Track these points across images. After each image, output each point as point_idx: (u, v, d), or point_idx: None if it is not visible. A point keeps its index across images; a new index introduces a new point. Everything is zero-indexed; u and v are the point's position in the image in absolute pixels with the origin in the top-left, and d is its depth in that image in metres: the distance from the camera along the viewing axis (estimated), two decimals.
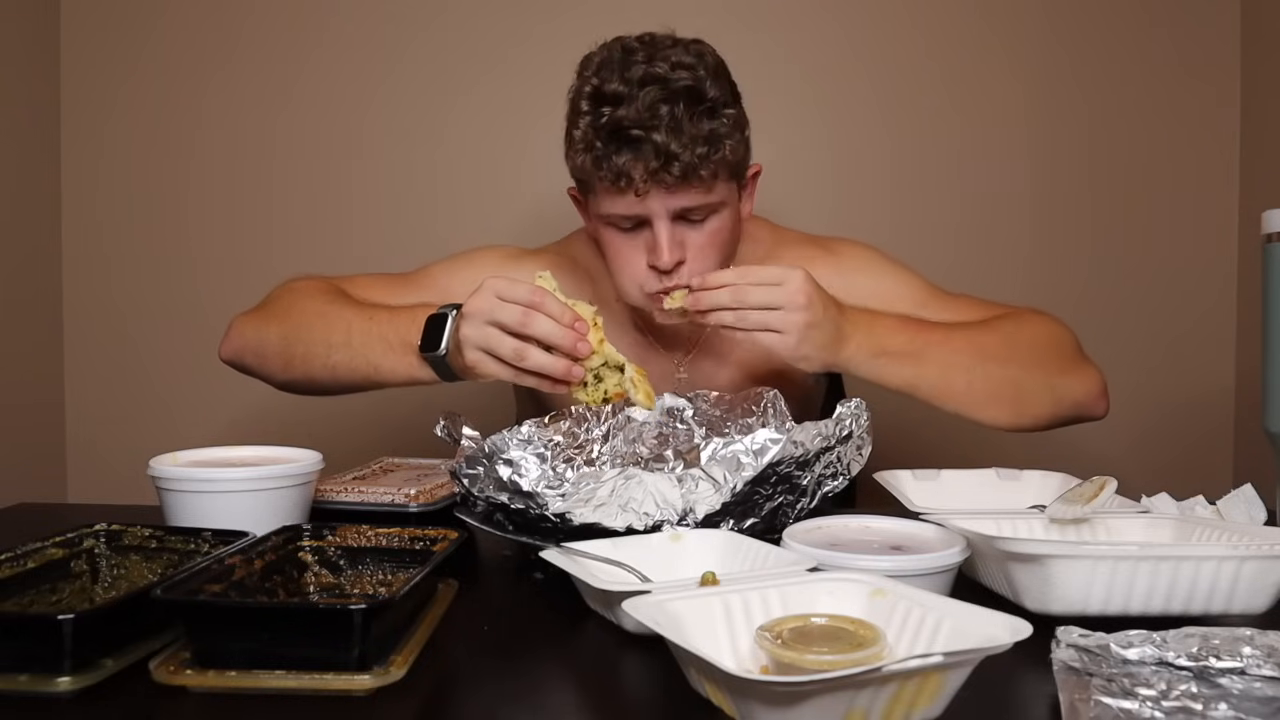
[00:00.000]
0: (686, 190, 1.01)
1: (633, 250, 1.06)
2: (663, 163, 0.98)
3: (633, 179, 0.99)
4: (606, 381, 0.92)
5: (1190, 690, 0.53)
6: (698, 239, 1.05)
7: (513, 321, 0.89)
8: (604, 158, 0.99)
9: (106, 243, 1.89)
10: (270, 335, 1.12)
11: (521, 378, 0.91)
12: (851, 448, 0.90)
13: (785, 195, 1.88)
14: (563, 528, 0.82)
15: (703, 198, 1.03)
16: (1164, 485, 0.94)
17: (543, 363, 0.89)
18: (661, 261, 1.02)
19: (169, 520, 0.81)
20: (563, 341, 0.88)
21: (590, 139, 1.01)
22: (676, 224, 1.04)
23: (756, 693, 0.49)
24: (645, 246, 1.05)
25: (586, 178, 1.05)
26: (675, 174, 0.98)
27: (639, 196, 1.00)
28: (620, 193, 1.01)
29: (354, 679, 0.57)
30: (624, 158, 0.99)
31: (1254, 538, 0.73)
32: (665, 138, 0.97)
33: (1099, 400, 1.11)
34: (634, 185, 0.99)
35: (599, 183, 1.02)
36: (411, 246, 1.88)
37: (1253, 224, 1.40)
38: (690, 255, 1.05)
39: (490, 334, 0.90)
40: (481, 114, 1.87)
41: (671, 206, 1.02)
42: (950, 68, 1.86)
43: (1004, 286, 1.88)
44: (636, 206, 1.02)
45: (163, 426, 1.88)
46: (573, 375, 0.90)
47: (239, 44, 1.87)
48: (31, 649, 0.57)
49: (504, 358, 0.90)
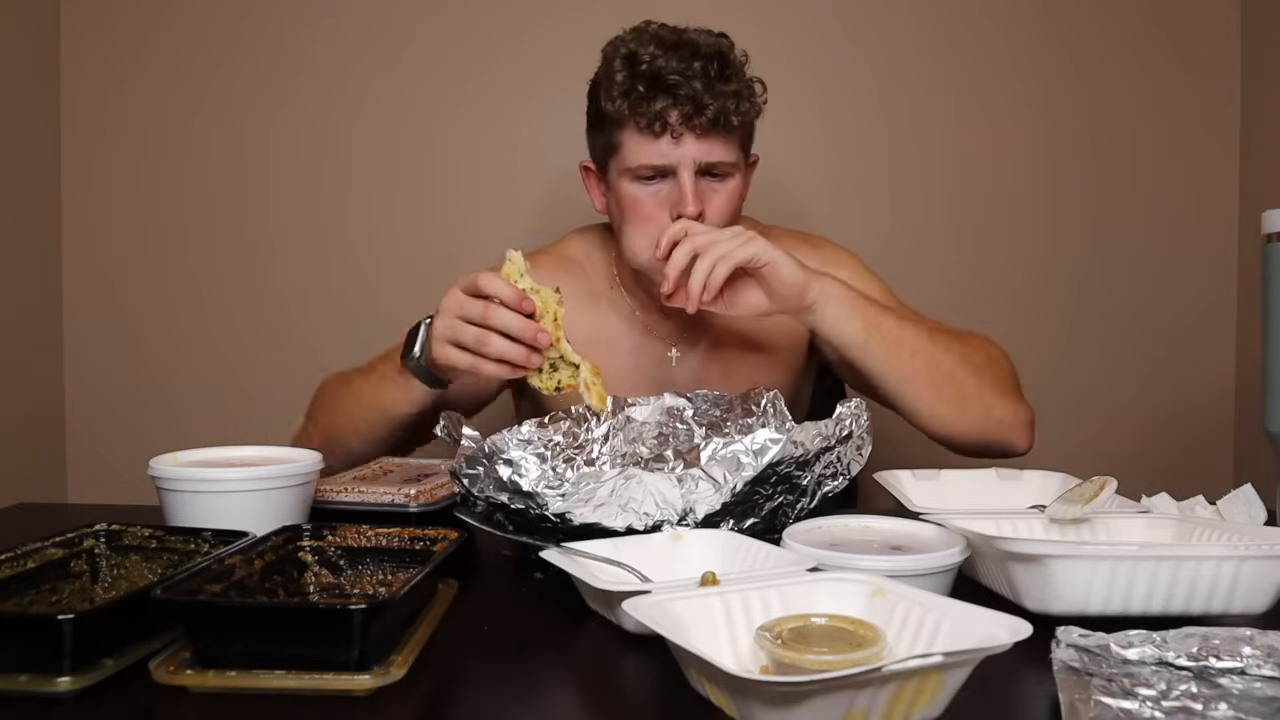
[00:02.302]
0: (714, 140, 1.08)
1: (655, 204, 1.11)
2: (696, 108, 1.05)
3: (668, 123, 1.06)
4: (561, 372, 0.96)
5: (1190, 690, 0.53)
6: (717, 197, 1.11)
7: (475, 314, 0.94)
8: (642, 101, 1.06)
9: (106, 243, 1.89)
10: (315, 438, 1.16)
11: (483, 364, 0.94)
12: (851, 448, 0.90)
13: (787, 193, 1.88)
14: (563, 528, 0.82)
15: (725, 152, 1.09)
16: (1164, 485, 0.94)
17: (503, 349, 0.93)
18: (687, 209, 1.07)
19: (169, 520, 0.81)
20: (522, 332, 0.92)
21: (629, 86, 1.07)
22: (699, 178, 1.09)
23: (756, 693, 0.49)
24: (667, 201, 1.10)
25: (620, 126, 1.10)
26: (708, 119, 1.05)
27: (674, 139, 1.07)
28: (655, 137, 1.07)
29: (354, 679, 0.56)
30: (661, 103, 1.06)
31: (1254, 538, 0.73)
32: (700, 87, 1.05)
33: (1025, 431, 1.13)
34: (669, 128, 1.06)
35: (634, 129, 1.08)
36: (410, 246, 1.89)
37: (1253, 224, 1.40)
38: (709, 210, 1.10)
39: (455, 325, 0.95)
40: (480, 113, 1.87)
41: (699, 156, 1.08)
42: (951, 68, 1.86)
43: (1005, 286, 1.89)
44: (668, 153, 1.08)
45: (163, 426, 1.88)
46: (531, 361, 0.94)
47: (239, 45, 1.87)
48: (31, 649, 0.57)
49: (468, 346, 0.94)
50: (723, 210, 1.11)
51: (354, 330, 1.89)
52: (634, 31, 1.12)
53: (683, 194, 1.08)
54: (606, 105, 1.10)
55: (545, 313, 0.94)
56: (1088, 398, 1.88)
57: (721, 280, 0.99)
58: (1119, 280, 1.88)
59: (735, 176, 1.13)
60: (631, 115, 1.07)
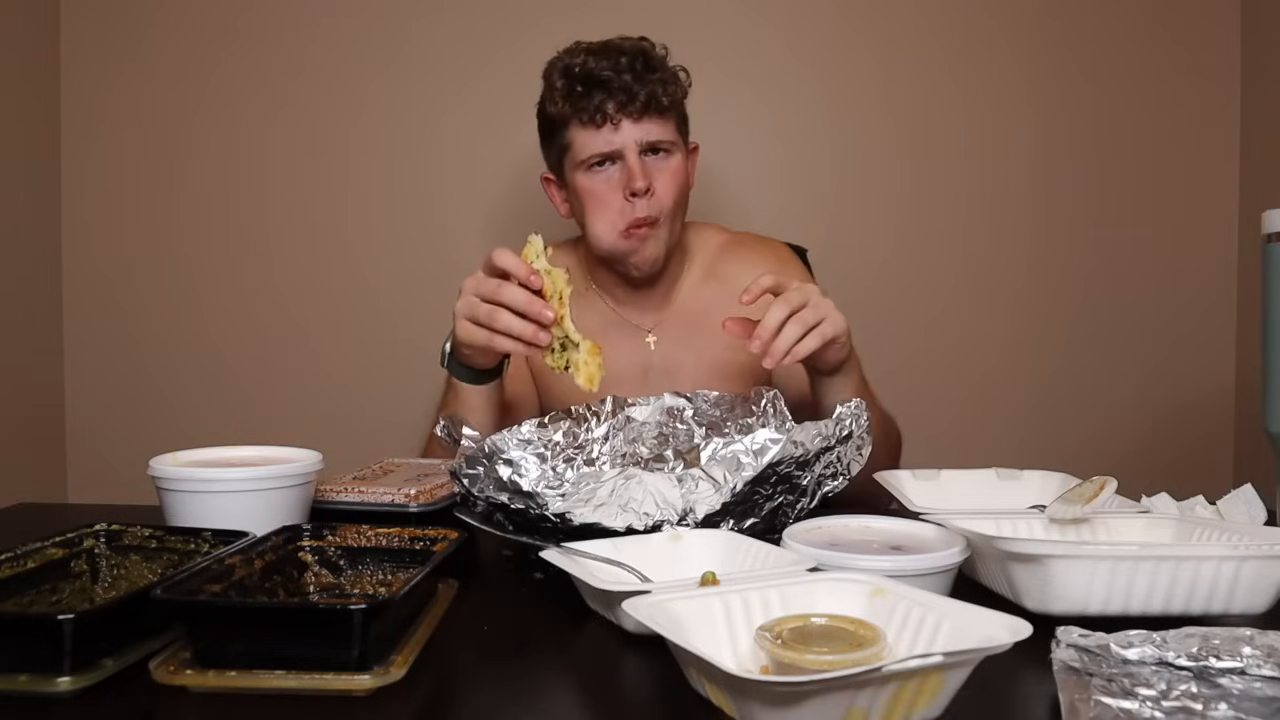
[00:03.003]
0: (650, 121, 1.21)
1: (607, 189, 1.22)
2: (629, 96, 1.19)
3: (607, 113, 1.19)
4: (570, 352, 0.98)
5: (1190, 690, 0.53)
6: (662, 173, 1.23)
7: (489, 291, 0.98)
8: (581, 99, 1.20)
9: (106, 243, 1.89)
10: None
11: (496, 339, 0.98)
12: (851, 448, 0.90)
13: (789, 193, 1.88)
14: (563, 528, 0.82)
15: (662, 131, 1.22)
16: (1164, 485, 0.94)
17: (510, 324, 0.97)
18: (636, 185, 1.19)
19: (169, 520, 0.81)
20: (528, 307, 0.96)
21: (568, 90, 1.21)
22: (644, 156, 1.22)
23: (756, 693, 0.49)
24: (619, 183, 1.21)
25: (566, 126, 1.23)
26: (640, 104, 1.19)
27: (614, 126, 1.20)
28: (597, 128, 1.20)
29: (354, 679, 0.56)
30: (598, 97, 1.19)
31: (1254, 538, 0.73)
32: (629, 78, 1.19)
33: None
34: (609, 118, 1.19)
35: (578, 125, 1.21)
36: (409, 244, 1.89)
37: (1253, 224, 1.40)
38: (657, 186, 1.21)
39: (471, 302, 1.00)
40: (477, 112, 1.87)
41: (639, 137, 1.20)
42: (954, 68, 1.86)
43: (1006, 285, 1.89)
44: (612, 139, 1.20)
45: (163, 426, 1.88)
46: (539, 338, 0.97)
47: (237, 44, 1.87)
48: (31, 649, 0.57)
49: (480, 321, 0.99)
50: (669, 186, 1.23)
51: (354, 329, 1.89)
52: (565, 51, 1.26)
53: (630, 172, 1.20)
54: (551, 110, 1.24)
55: (554, 293, 0.97)
56: (1088, 397, 1.88)
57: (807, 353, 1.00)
58: (1119, 280, 1.88)
59: (676, 155, 1.25)
60: (574, 113, 1.21)
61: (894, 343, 1.84)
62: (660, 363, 1.32)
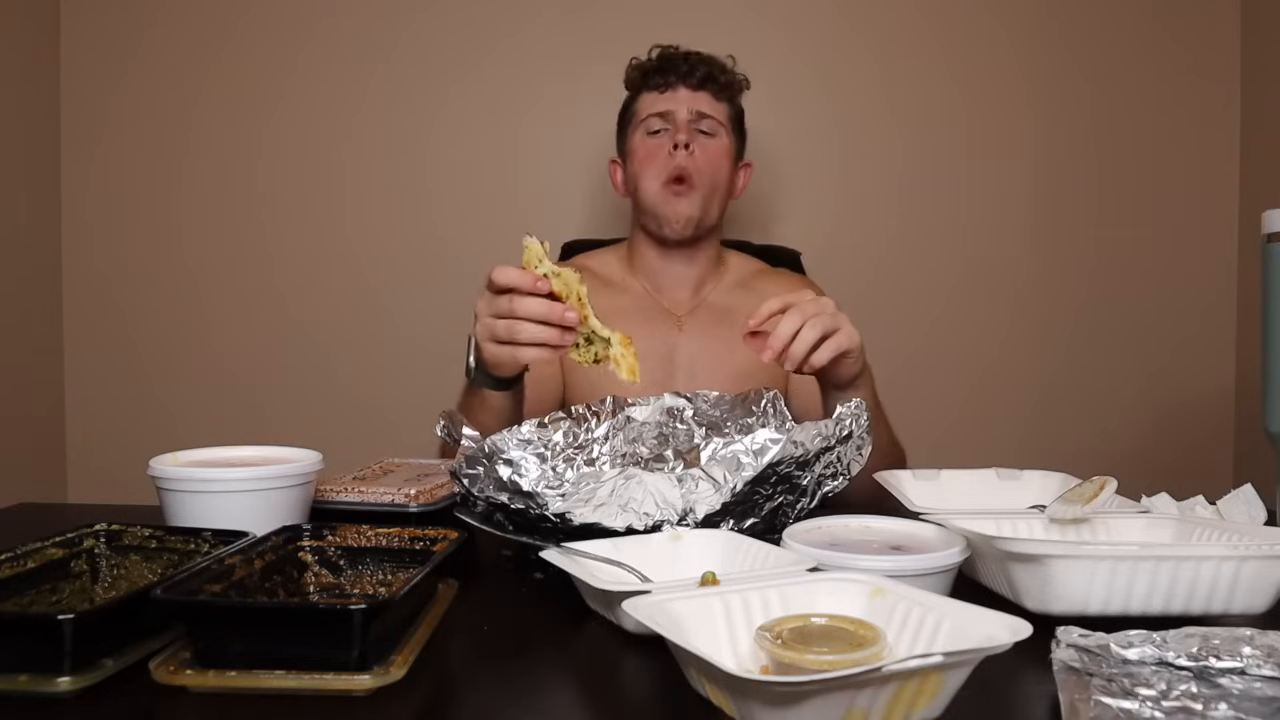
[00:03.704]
0: (703, 95, 1.39)
1: (658, 146, 1.38)
2: (690, 70, 1.39)
3: (668, 81, 1.39)
4: (597, 345, 0.97)
5: (1190, 690, 0.53)
6: (706, 147, 1.38)
7: (502, 309, 0.97)
8: (652, 74, 1.41)
9: (106, 243, 1.89)
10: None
11: (521, 352, 0.97)
12: (851, 448, 0.90)
13: (790, 193, 1.88)
14: (563, 528, 0.82)
15: (713, 108, 1.39)
16: (1164, 485, 0.94)
17: (533, 334, 0.96)
18: (679, 137, 1.35)
19: (169, 520, 0.81)
20: (549, 315, 0.95)
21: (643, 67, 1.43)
22: (692, 127, 1.37)
23: (756, 693, 0.49)
24: (666, 140, 1.37)
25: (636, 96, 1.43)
26: (698, 77, 1.39)
27: (672, 91, 1.39)
28: (659, 93, 1.40)
29: (354, 679, 0.56)
30: (666, 71, 1.40)
31: (1254, 538, 0.73)
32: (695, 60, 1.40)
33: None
34: (668, 85, 1.39)
35: (644, 92, 1.41)
36: (408, 243, 1.89)
37: (1253, 224, 1.40)
38: (700, 155, 1.36)
39: (488, 324, 0.99)
40: (476, 108, 1.87)
41: (692, 106, 1.38)
42: (954, 68, 1.86)
43: (1006, 285, 1.89)
44: (668, 103, 1.38)
45: (163, 426, 1.88)
46: (565, 340, 0.96)
47: (236, 43, 1.88)
48: (31, 649, 0.57)
49: (501, 338, 0.98)
50: (712, 161, 1.37)
51: (353, 327, 1.89)
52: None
53: (677, 127, 1.37)
54: (629, 87, 1.44)
55: (570, 293, 0.96)
56: (1088, 397, 1.88)
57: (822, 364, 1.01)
58: (1119, 280, 1.88)
59: (723, 139, 1.40)
60: (644, 84, 1.42)
61: (894, 343, 1.84)
62: (688, 350, 1.38)
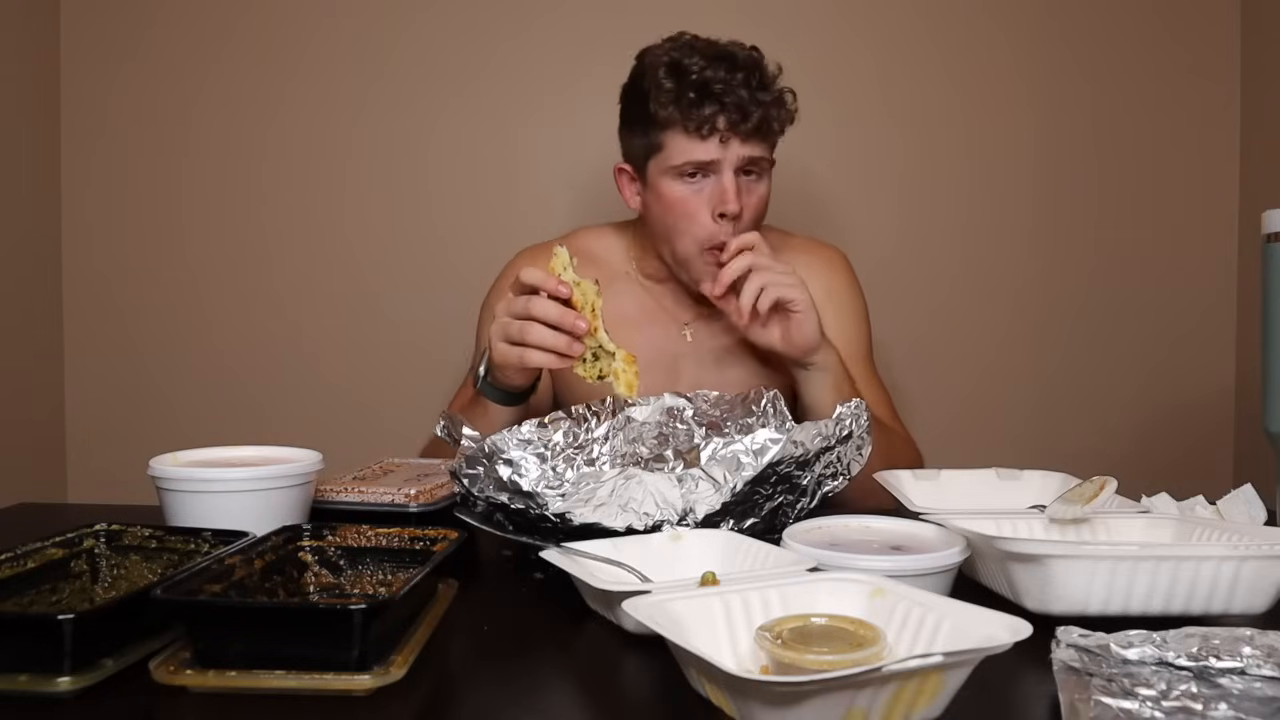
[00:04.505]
0: (755, 143, 1.17)
1: (698, 202, 1.19)
2: (743, 115, 1.15)
3: (716, 128, 1.15)
4: (603, 361, 0.99)
5: (1190, 690, 0.53)
6: (753, 194, 1.20)
7: (519, 308, 0.98)
8: (692, 107, 1.15)
9: (106, 243, 1.89)
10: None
11: (529, 354, 0.98)
12: (851, 448, 0.90)
13: (790, 191, 1.88)
14: (563, 528, 0.82)
15: (765, 150, 1.19)
16: (1164, 485, 0.94)
17: (542, 337, 0.97)
18: (729, 207, 1.16)
19: (169, 520, 0.81)
20: (561, 320, 0.96)
21: (677, 93, 1.15)
22: (738, 175, 1.18)
23: (756, 693, 0.49)
24: (709, 198, 1.18)
25: (666, 129, 1.18)
26: (752, 125, 1.15)
27: (722, 143, 1.16)
28: (702, 139, 1.16)
29: (354, 679, 0.56)
30: (710, 109, 1.15)
31: (1254, 538, 0.73)
32: (745, 96, 1.15)
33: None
34: (718, 133, 1.15)
35: (682, 132, 1.16)
36: (408, 244, 1.89)
37: (1253, 224, 1.40)
38: (746, 206, 1.19)
39: (504, 322, 1.00)
40: (477, 110, 1.87)
41: (743, 154, 1.17)
42: (954, 68, 1.86)
43: (1006, 285, 1.89)
44: (714, 152, 1.16)
45: (163, 427, 1.88)
46: (573, 349, 0.97)
47: (236, 44, 1.87)
48: (31, 649, 0.57)
49: (513, 338, 0.99)
50: (758, 206, 1.22)
51: (353, 328, 1.89)
52: (671, 42, 1.21)
53: (725, 191, 1.17)
54: (655, 110, 1.17)
55: (585, 304, 0.98)
56: (1088, 397, 1.88)
57: (766, 306, 1.10)
58: (1119, 280, 1.88)
59: (766, 177, 1.22)
60: (682, 120, 1.16)
61: (894, 343, 1.84)
62: (694, 354, 1.32)
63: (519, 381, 1.09)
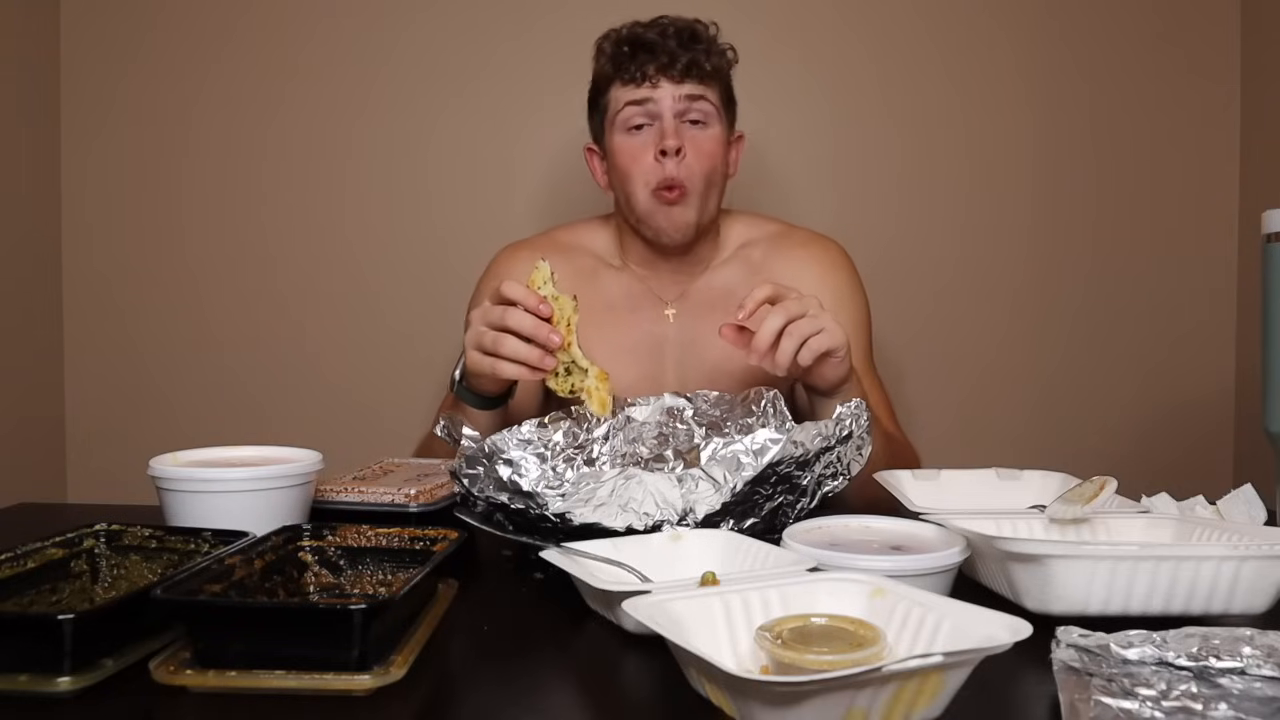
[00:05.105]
0: (689, 85, 1.23)
1: (642, 148, 1.24)
2: (671, 59, 1.22)
3: (647, 73, 1.23)
4: (575, 376, 0.99)
5: (1190, 690, 0.53)
6: (696, 141, 1.24)
7: (495, 318, 0.99)
8: (625, 59, 1.24)
9: (106, 243, 1.89)
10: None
11: (501, 365, 0.99)
12: (851, 448, 0.90)
13: (789, 190, 1.88)
14: (563, 528, 0.82)
15: (701, 90, 1.24)
16: (1164, 485, 0.94)
17: (515, 349, 0.98)
18: (666, 143, 1.21)
19: (169, 520, 0.81)
20: (535, 333, 0.97)
21: (614, 52, 1.25)
22: (679, 122, 1.23)
23: (756, 693, 0.49)
24: (652, 142, 1.23)
25: (609, 85, 1.27)
26: (681, 66, 1.22)
27: (653, 85, 1.23)
28: (636, 86, 1.23)
29: (354, 679, 0.57)
30: (641, 58, 1.23)
31: (1254, 538, 0.73)
32: (674, 44, 1.23)
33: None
34: (649, 78, 1.23)
35: (620, 84, 1.25)
36: (408, 244, 1.89)
37: (1253, 224, 1.40)
38: (690, 152, 1.23)
39: (479, 330, 1.00)
40: (478, 110, 1.87)
41: (677, 94, 1.23)
42: (953, 67, 1.86)
43: (1005, 285, 1.89)
44: (649, 97, 1.23)
45: (163, 426, 1.88)
46: (544, 363, 0.98)
47: (237, 44, 1.87)
48: (31, 649, 0.57)
49: (486, 348, 0.99)
50: (703, 156, 1.24)
51: (353, 328, 1.89)
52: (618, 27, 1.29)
53: (663, 131, 1.22)
54: (597, 73, 1.28)
55: (561, 319, 0.98)
56: (1088, 397, 1.88)
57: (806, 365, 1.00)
58: (1119, 280, 1.88)
59: (714, 127, 1.26)
60: (617, 74, 1.25)
61: (893, 343, 1.84)
62: (677, 337, 1.31)
63: (491, 389, 1.09)
